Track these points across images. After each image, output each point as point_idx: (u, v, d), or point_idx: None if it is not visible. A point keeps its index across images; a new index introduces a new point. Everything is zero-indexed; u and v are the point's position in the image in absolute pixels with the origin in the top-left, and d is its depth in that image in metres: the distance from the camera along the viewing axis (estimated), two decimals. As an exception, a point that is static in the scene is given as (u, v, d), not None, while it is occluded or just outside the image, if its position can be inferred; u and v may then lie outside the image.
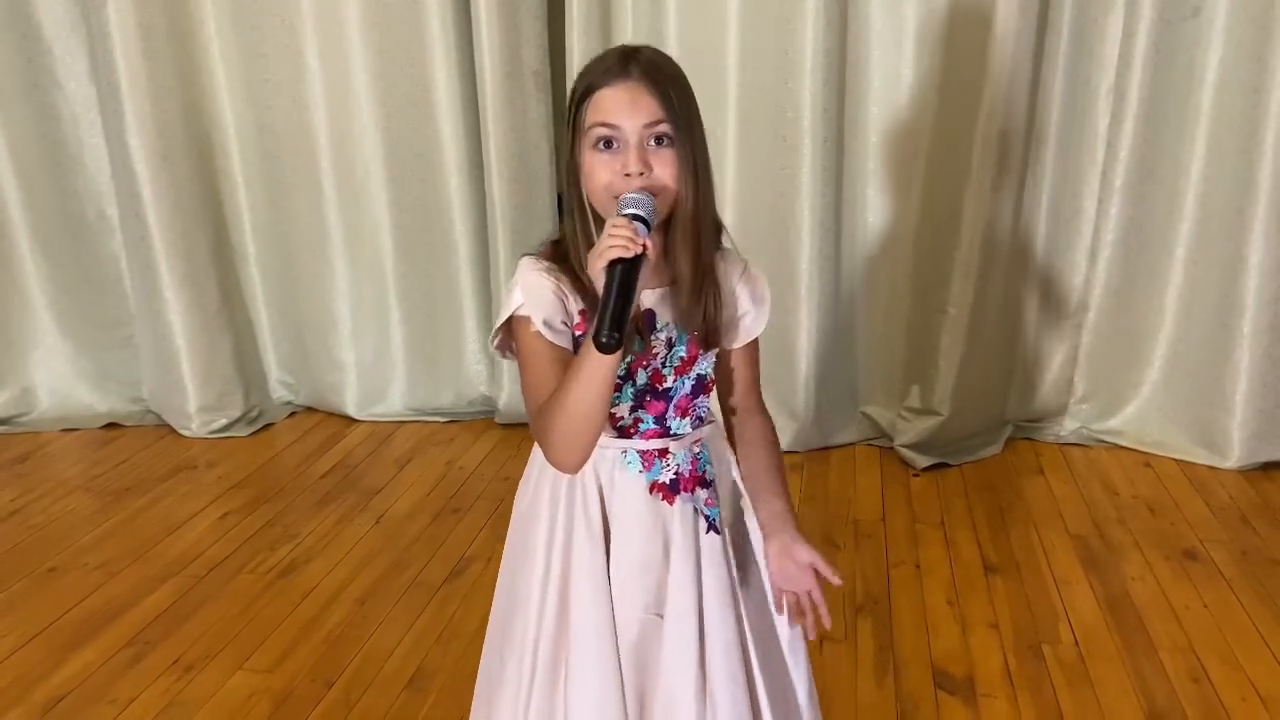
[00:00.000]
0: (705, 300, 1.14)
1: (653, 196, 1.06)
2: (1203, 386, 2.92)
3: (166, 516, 2.76)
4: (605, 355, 0.99)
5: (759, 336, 1.25)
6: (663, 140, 1.08)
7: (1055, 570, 2.41)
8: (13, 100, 3.15)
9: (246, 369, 3.39)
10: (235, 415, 3.32)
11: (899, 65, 2.83)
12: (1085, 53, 2.79)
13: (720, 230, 1.19)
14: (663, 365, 1.16)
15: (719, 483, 1.24)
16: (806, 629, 1.21)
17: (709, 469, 1.22)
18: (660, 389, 1.16)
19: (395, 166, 3.14)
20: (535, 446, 1.19)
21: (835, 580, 1.17)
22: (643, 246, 1.00)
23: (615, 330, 0.95)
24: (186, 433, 3.30)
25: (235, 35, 3.10)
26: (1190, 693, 1.96)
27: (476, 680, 1.35)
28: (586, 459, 1.12)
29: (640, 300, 1.11)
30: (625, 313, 0.97)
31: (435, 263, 3.27)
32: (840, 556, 2.49)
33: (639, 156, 1.07)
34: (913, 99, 2.84)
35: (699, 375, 1.19)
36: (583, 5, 2.84)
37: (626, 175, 1.07)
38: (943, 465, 2.96)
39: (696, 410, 1.20)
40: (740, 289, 1.21)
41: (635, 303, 1.03)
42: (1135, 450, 3.04)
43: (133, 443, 3.28)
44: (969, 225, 2.83)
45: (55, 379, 3.42)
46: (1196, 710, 1.91)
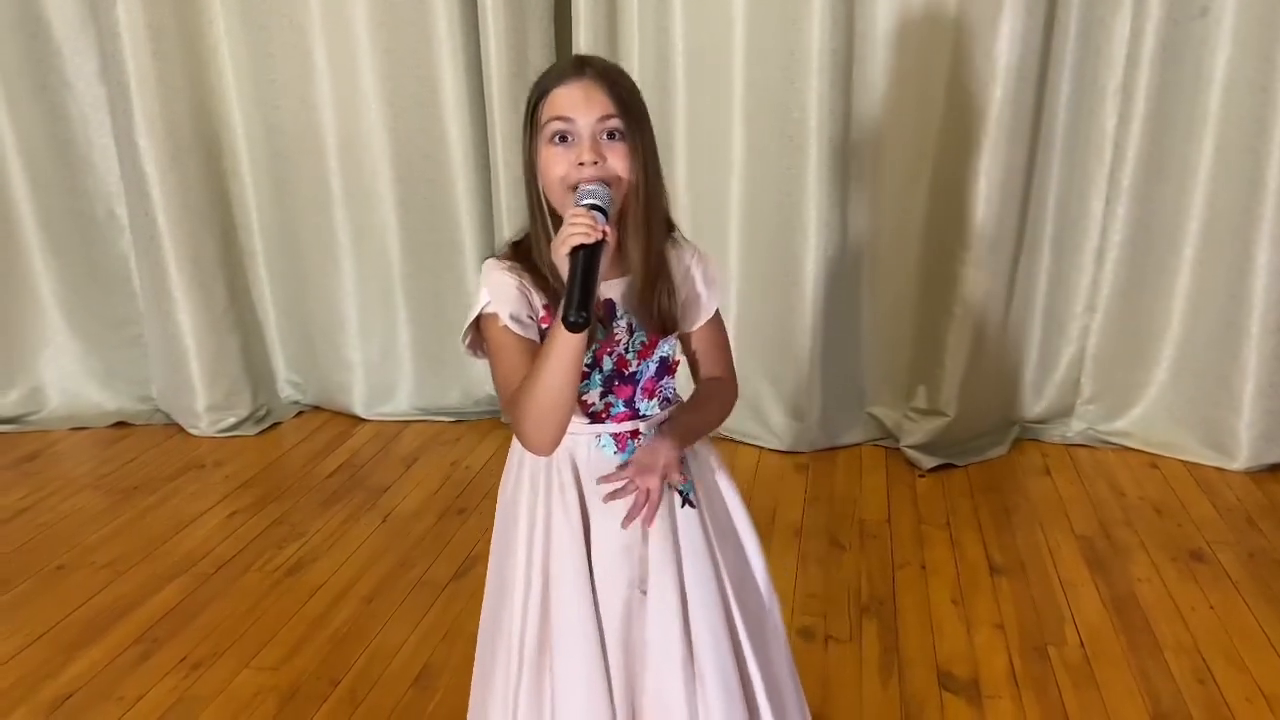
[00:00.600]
0: (658, 291, 1.20)
1: (608, 187, 1.12)
2: (1210, 388, 2.91)
3: (174, 515, 2.77)
4: (573, 335, 1.05)
5: (721, 315, 1.31)
6: (614, 134, 1.14)
7: (1061, 571, 2.41)
8: (23, 100, 3.17)
9: (254, 368, 3.41)
10: (243, 414, 3.34)
11: (905, 65, 2.82)
12: (1092, 53, 2.78)
13: (669, 224, 1.25)
14: (626, 351, 1.21)
15: (691, 459, 1.28)
16: (628, 518, 1.21)
17: None
18: (626, 373, 1.22)
19: (402, 167, 3.15)
20: (514, 439, 1.25)
21: (678, 481, 1.22)
22: (602, 233, 1.06)
23: (582, 310, 1.01)
24: (195, 431, 3.31)
25: (244, 36, 3.11)
26: (1196, 694, 1.96)
27: (473, 672, 1.37)
28: (559, 440, 1.16)
29: (600, 291, 1.16)
30: (590, 294, 1.03)
31: (442, 263, 3.27)
32: (846, 557, 2.49)
33: (593, 147, 1.13)
34: (919, 99, 2.83)
35: (662, 358, 1.25)
36: (589, 6, 2.84)
37: (580, 164, 1.13)
38: (949, 466, 2.95)
39: (663, 391, 1.26)
40: (693, 272, 1.27)
41: (597, 290, 1.09)
42: (1142, 451, 3.03)
43: (141, 441, 3.30)
44: (975, 225, 2.83)
45: (64, 378, 3.44)
46: (1202, 711, 1.91)
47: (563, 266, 1.07)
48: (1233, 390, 2.86)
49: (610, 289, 1.20)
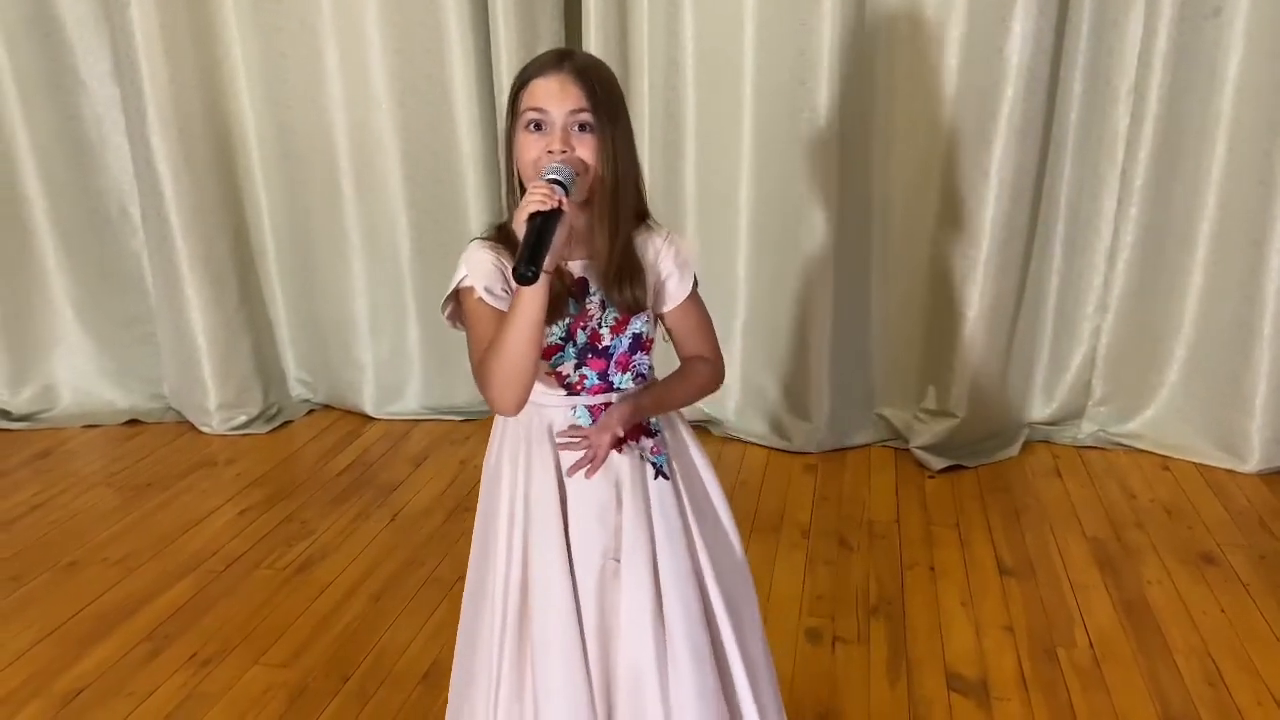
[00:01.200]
0: (623, 275, 1.26)
1: (571, 167, 1.18)
2: (1222, 389, 2.90)
3: (185, 512, 2.79)
4: (533, 297, 1.14)
5: (699, 297, 1.35)
6: (585, 127, 1.21)
7: (1071, 573, 2.40)
8: (36, 100, 3.19)
9: (265, 367, 3.43)
10: (254, 413, 3.35)
11: (916, 65, 2.82)
12: (1105, 53, 2.77)
13: (643, 214, 1.31)
14: (599, 326, 1.28)
15: (669, 434, 1.35)
16: (573, 468, 1.28)
17: (652, 420, 1.33)
18: (600, 347, 1.29)
19: (412, 166, 3.16)
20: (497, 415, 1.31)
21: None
22: (558, 202, 1.13)
23: (530, 265, 1.09)
24: (206, 430, 3.33)
25: (256, 36, 3.13)
26: (1206, 696, 1.95)
27: (457, 635, 1.42)
28: (523, 400, 1.22)
29: (572, 269, 1.26)
30: (539, 251, 1.10)
31: (452, 262, 3.26)
32: (854, 558, 2.49)
33: (563, 138, 1.21)
34: (930, 99, 2.83)
35: (635, 334, 1.30)
36: (599, 6, 2.85)
37: (550, 152, 1.20)
38: (958, 467, 2.94)
39: (637, 367, 1.31)
40: (664, 255, 1.31)
41: (563, 264, 1.22)
42: (1153, 453, 3.01)
43: (153, 439, 3.31)
44: (986, 226, 2.82)
45: (77, 376, 3.46)
46: (1212, 714, 1.90)
47: (520, 231, 1.15)
48: (1244, 392, 2.84)
49: (581, 268, 1.27)
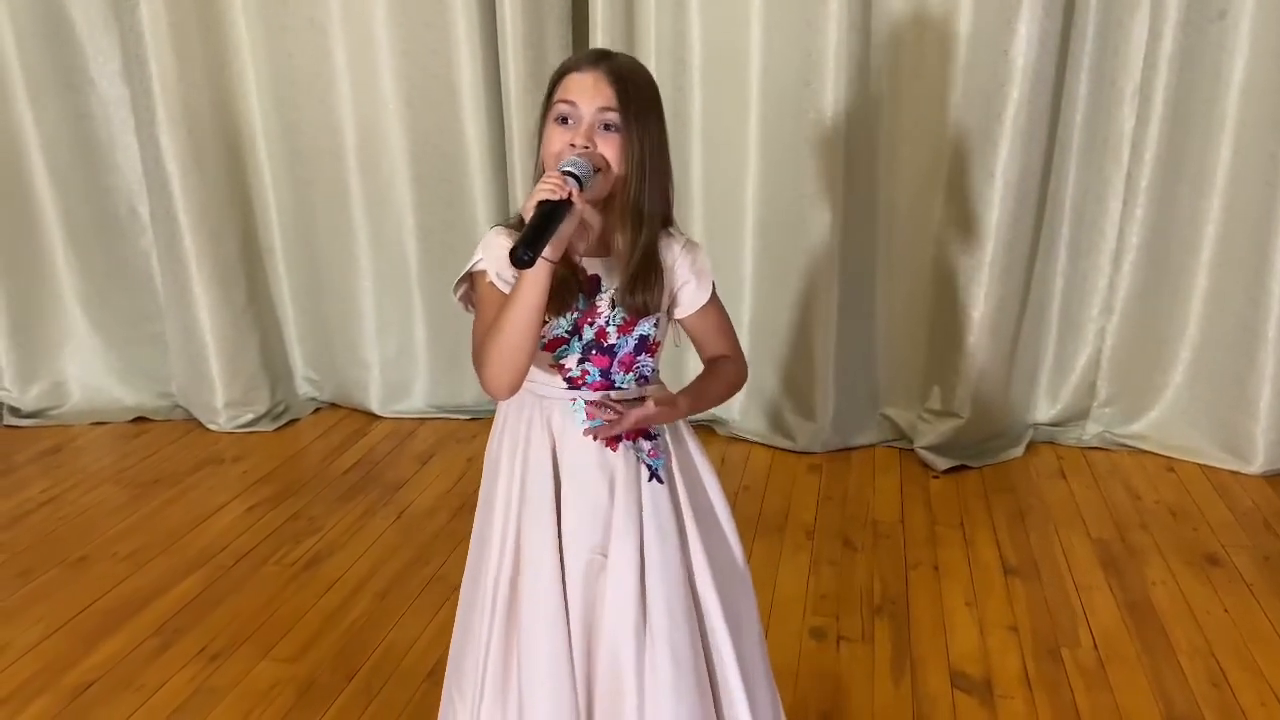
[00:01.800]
0: (638, 279, 1.26)
1: (592, 163, 1.19)
2: (1227, 391, 2.90)
3: (193, 509, 2.81)
4: (534, 281, 1.16)
5: (718, 299, 1.37)
6: (611, 126, 1.22)
7: (1075, 574, 2.40)
8: (46, 99, 3.21)
9: (273, 365, 3.44)
10: (261, 411, 3.37)
11: (921, 67, 2.83)
12: (1110, 54, 2.78)
13: (668, 222, 1.32)
14: (606, 324, 1.28)
15: (672, 442, 1.35)
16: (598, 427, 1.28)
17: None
18: (605, 345, 1.29)
19: (420, 165, 3.17)
20: (500, 404, 1.33)
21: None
22: (568, 194, 1.14)
23: (529, 249, 1.09)
24: (213, 427, 3.35)
25: (264, 36, 3.14)
26: (1210, 697, 1.95)
27: (455, 616, 1.43)
28: (517, 384, 1.24)
29: (585, 266, 1.27)
30: (540, 237, 1.11)
31: (458, 262, 3.25)
32: (859, 557, 2.49)
33: (587, 133, 1.22)
34: (935, 101, 2.84)
35: (641, 336, 1.30)
36: (607, 7, 2.86)
37: (572, 145, 1.22)
38: (963, 468, 2.95)
39: (640, 369, 1.32)
40: (680, 261, 1.32)
41: (577, 258, 1.24)
42: (1158, 455, 3.02)
43: (160, 437, 3.33)
44: (991, 227, 2.82)
45: (86, 373, 3.48)
46: (1216, 715, 1.91)
47: (529, 216, 1.15)
48: (1249, 394, 2.85)
49: (595, 266, 1.28)
